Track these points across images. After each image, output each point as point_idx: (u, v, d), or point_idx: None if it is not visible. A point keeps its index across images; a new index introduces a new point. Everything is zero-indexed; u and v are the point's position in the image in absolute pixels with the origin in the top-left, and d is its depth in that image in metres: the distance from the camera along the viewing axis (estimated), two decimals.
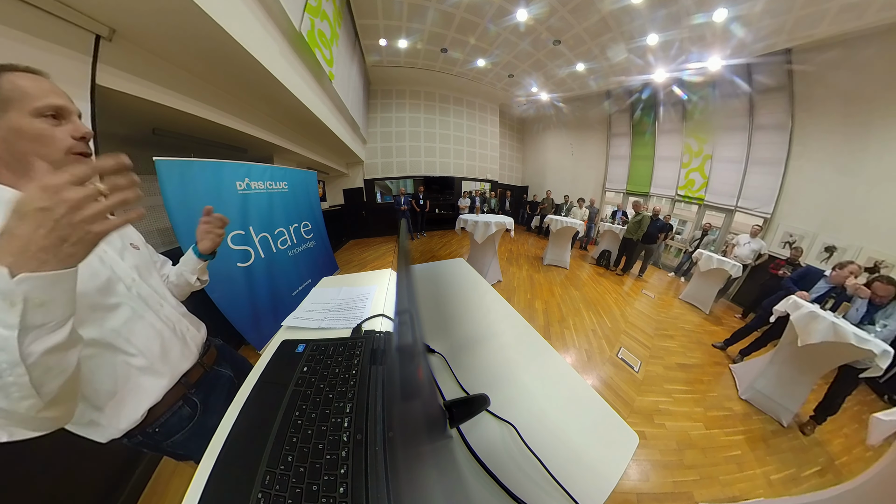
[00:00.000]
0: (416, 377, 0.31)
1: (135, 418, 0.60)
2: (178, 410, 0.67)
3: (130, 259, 0.67)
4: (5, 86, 0.47)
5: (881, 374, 1.76)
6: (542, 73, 6.58)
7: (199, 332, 0.80)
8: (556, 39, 5.21)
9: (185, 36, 1.52)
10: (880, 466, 1.18)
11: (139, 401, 0.61)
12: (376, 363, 0.59)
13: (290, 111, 2.99)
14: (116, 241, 0.68)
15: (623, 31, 4.69)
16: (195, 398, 0.71)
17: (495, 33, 5.16)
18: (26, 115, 0.48)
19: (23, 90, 0.48)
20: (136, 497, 1.34)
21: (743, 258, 4.24)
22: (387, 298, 0.94)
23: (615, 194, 8.01)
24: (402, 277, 0.39)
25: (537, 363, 0.73)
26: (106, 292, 0.57)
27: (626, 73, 5.95)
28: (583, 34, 4.93)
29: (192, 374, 0.72)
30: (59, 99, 0.52)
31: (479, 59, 6.10)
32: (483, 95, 8.25)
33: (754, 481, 1.64)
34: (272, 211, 2.55)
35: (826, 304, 2.24)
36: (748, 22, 3.92)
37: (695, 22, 4.15)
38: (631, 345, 2.89)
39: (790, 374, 2.13)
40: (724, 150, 5.61)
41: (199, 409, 0.71)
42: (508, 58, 6.01)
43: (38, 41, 1.12)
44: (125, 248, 0.69)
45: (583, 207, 6.94)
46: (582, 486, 0.45)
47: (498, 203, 9.54)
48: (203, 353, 0.78)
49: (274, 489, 0.39)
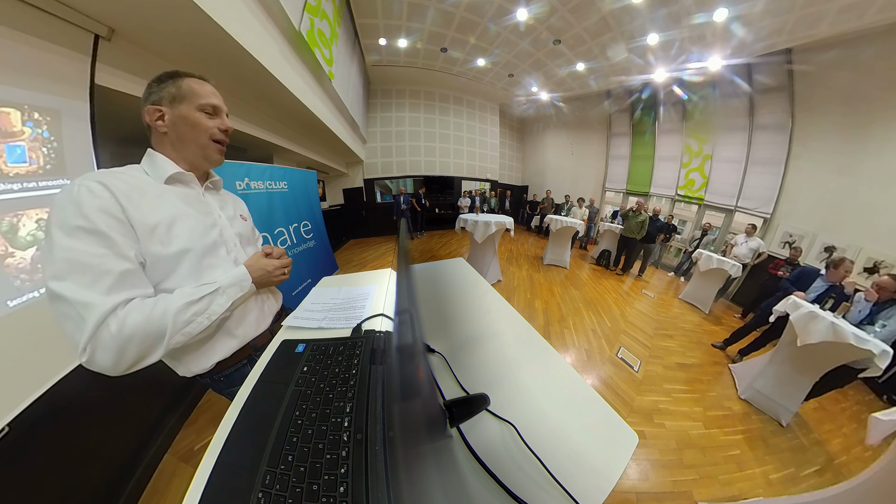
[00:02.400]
0: (416, 377, 0.31)
1: (205, 367, 0.68)
2: (241, 367, 0.74)
3: (238, 227, 0.79)
4: (184, 86, 0.66)
5: (880, 374, 1.77)
6: (542, 73, 6.58)
7: (277, 302, 0.88)
8: (557, 39, 5.21)
9: (185, 35, 1.51)
10: (879, 466, 1.19)
11: (211, 354, 0.68)
12: (376, 363, 0.59)
13: (289, 111, 2.99)
14: (230, 210, 0.80)
15: (623, 31, 4.69)
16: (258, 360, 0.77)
17: (495, 33, 5.16)
18: (193, 108, 0.66)
19: (194, 91, 0.66)
20: (137, 497, 1.34)
21: (742, 257, 4.25)
22: (387, 298, 0.94)
23: (615, 194, 8.02)
24: (401, 277, 0.39)
25: (537, 363, 0.73)
26: (209, 253, 0.66)
27: (626, 73, 5.95)
28: (583, 34, 4.93)
29: (261, 339, 0.78)
30: (216, 100, 0.70)
31: (479, 58, 6.10)
32: (483, 95, 8.25)
33: (753, 481, 1.64)
34: (272, 211, 2.54)
35: (825, 304, 2.24)
36: (748, 22, 3.92)
37: (695, 22, 4.15)
38: (631, 344, 2.89)
39: (789, 374, 2.14)
40: (724, 150, 5.61)
41: None
42: (508, 57, 6.00)
43: (37, 41, 1.12)
44: (235, 217, 0.80)
45: (583, 207, 6.94)
46: (582, 485, 0.45)
47: (498, 203, 9.54)
48: (275, 320, 0.84)
49: (274, 489, 0.39)
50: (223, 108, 0.71)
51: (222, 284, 0.63)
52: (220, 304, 0.62)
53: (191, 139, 0.67)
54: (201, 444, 1.58)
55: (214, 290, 0.61)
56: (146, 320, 0.51)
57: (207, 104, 0.67)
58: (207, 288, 0.60)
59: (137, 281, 0.54)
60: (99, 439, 1.26)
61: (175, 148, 0.67)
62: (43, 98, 1.15)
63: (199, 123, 0.66)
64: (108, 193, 0.53)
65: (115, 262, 0.51)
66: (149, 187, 0.61)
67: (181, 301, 0.56)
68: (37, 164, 1.12)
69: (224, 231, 0.72)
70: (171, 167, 0.66)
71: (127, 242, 0.53)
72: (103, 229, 0.50)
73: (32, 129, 1.12)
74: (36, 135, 1.13)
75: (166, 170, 0.65)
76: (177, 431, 1.66)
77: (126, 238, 0.53)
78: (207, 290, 0.60)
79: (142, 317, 0.51)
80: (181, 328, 0.55)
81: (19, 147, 1.08)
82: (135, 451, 1.42)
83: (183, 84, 0.66)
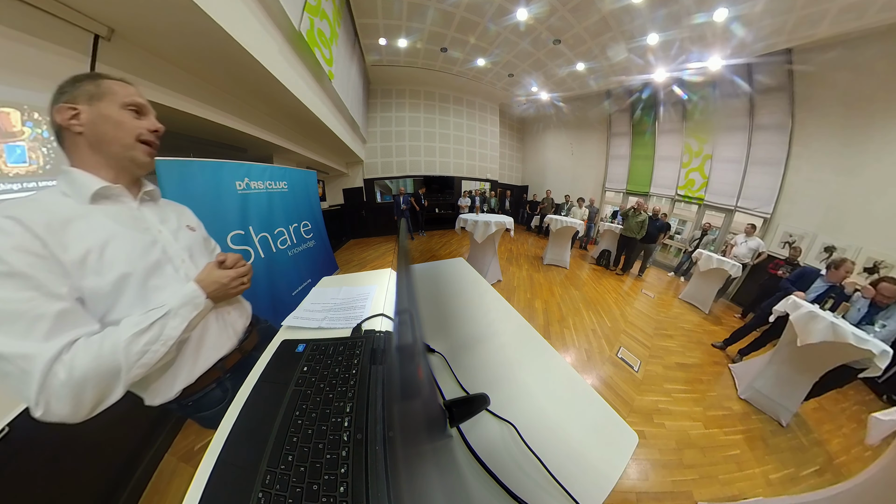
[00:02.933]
0: (416, 377, 0.31)
1: (169, 396, 0.64)
2: (209, 392, 0.70)
3: (185, 239, 0.71)
4: (104, 85, 0.60)
5: (880, 373, 1.77)
6: (542, 73, 6.58)
7: (242, 317, 0.81)
8: (557, 39, 5.20)
9: (184, 35, 1.51)
10: (879, 466, 1.19)
11: (173, 382, 0.64)
12: (376, 363, 0.59)
13: (289, 111, 2.99)
14: (173, 222, 0.72)
15: (623, 31, 4.68)
16: (228, 383, 0.73)
17: (495, 32, 5.16)
18: (115, 106, 0.60)
19: (115, 90, 0.61)
20: (137, 497, 1.34)
21: (741, 257, 4.24)
22: (387, 298, 0.94)
23: (615, 194, 8.01)
24: (401, 277, 0.39)
25: (537, 363, 0.73)
26: (153, 274, 0.60)
27: (626, 73, 5.95)
28: (583, 33, 4.92)
29: (230, 359, 0.73)
30: (142, 100, 0.65)
31: (479, 58, 6.10)
32: (483, 95, 8.25)
33: (753, 480, 1.64)
34: (272, 211, 2.54)
35: (825, 304, 2.24)
36: (748, 22, 3.92)
37: (695, 21, 4.14)
38: (630, 344, 2.89)
39: (789, 374, 2.14)
40: (724, 150, 5.61)
41: (230, 394, 0.71)
42: (508, 57, 6.00)
43: (37, 41, 1.12)
44: (180, 228, 0.73)
45: (583, 207, 6.94)
46: (582, 485, 0.45)
47: (498, 203, 9.54)
48: (244, 338, 0.78)
49: (274, 489, 0.39)
50: (150, 108, 0.66)
51: (172, 306, 0.58)
52: (174, 327, 0.57)
53: (113, 139, 0.59)
54: (201, 444, 1.58)
55: (164, 314, 0.56)
56: (96, 359, 0.47)
57: (132, 102, 0.62)
58: (156, 313, 0.55)
59: (77, 319, 0.49)
60: (99, 439, 1.26)
61: (95, 150, 0.59)
62: (43, 98, 1.15)
63: (124, 122, 0.60)
64: (22, 229, 0.46)
65: (48, 304, 0.45)
66: (71, 211, 0.53)
67: (129, 332, 0.51)
68: (37, 164, 1.13)
69: (167, 246, 0.65)
70: (94, 182, 0.57)
71: (56, 279, 0.47)
72: (24, 270, 0.44)
73: (32, 129, 1.12)
74: (36, 135, 1.13)
75: (89, 186, 0.56)
76: (177, 431, 1.66)
77: (54, 275, 0.47)
78: (156, 316, 0.55)
79: (90, 357, 0.47)
80: (136, 361, 0.51)
81: (19, 147, 1.09)
82: (135, 451, 1.42)
83: (104, 83, 0.60)
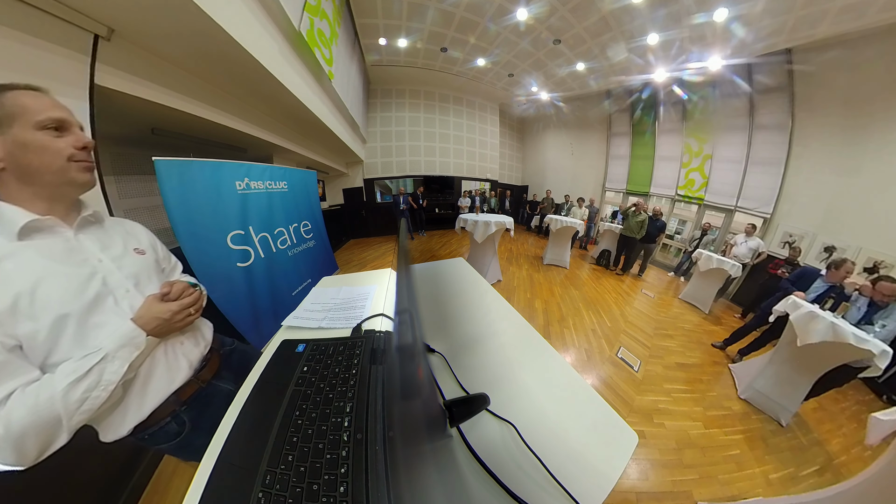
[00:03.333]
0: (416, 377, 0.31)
1: (121, 433, 0.61)
2: (164, 426, 0.66)
3: (130, 265, 0.65)
4: (7, 103, 0.51)
5: (880, 373, 1.77)
6: (542, 73, 6.57)
7: (198, 346, 0.74)
8: (557, 39, 5.20)
9: (184, 35, 1.51)
10: (879, 466, 1.19)
11: (122, 420, 0.61)
12: (376, 363, 0.59)
13: (289, 110, 2.99)
14: (118, 247, 0.66)
15: (623, 31, 4.68)
16: (184, 416, 0.68)
17: (495, 32, 5.16)
18: (29, 129, 0.52)
19: (24, 106, 0.52)
20: (138, 497, 1.34)
21: (741, 257, 4.25)
22: (387, 298, 0.94)
23: (615, 194, 8.01)
24: (401, 277, 0.39)
25: (537, 363, 0.73)
26: (93, 310, 0.55)
27: (626, 73, 5.94)
28: (583, 33, 4.92)
29: (185, 390, 0.69)
30: (60, 112, 0.56)
31: (479, 58, 6.09)
32: (483, 95, 8.24)
33: (753, 480, 1.64)
34: (272, 211, 2.54)
35: (825, 304, 2.24)
36: (748, 22, 3.92)
37: (695, 21, 4.14)
38: (630, 344, 2.89)
39: (789, 374, 2.14)
40: (724, 150, 5.61)
41: (188, 427, 0.69)
42: (508, 57, 6.00)
43: (36, 41, 1.12)
44: (126, 254, 0.66)
45: (583, 207, 6.94)
46: (582, 485, 0.45)
47: (498, 203, 9.53)
48: (200, 367, 0.73)
49: (274, 488, 0.39)
50: (72, 119, 0.58)
51: (109, 350, 0.53)
52: (114, 371, 0.53)
53: (40, 167, 0.53)
54: None
55: (101, 359, 0.51)
56: (33, 412, 0.45)
57: (48, 119, 0.53)
58: (92, 359, 0.51)
59: (13, 369, 0.46)
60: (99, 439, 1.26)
61: (26, 183, 0.54)
62: None
63: (47, 147, 0.53)
64: None
65: None
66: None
67: (66, 381, 0.48)
68: None
69: (109, 277, 0.59)
70: (21, 216, 0.52)
71: None
72: None
73: None
74: None
75: (16, 221, 0.51)
76: None
77: None
78: (93, 362, 0.51)
79: (26, 410, 0.45)
80: (77, 408, 0.49)
81: None
82: (135, 451, 1.42)
83: (7, 100, 0.51)
